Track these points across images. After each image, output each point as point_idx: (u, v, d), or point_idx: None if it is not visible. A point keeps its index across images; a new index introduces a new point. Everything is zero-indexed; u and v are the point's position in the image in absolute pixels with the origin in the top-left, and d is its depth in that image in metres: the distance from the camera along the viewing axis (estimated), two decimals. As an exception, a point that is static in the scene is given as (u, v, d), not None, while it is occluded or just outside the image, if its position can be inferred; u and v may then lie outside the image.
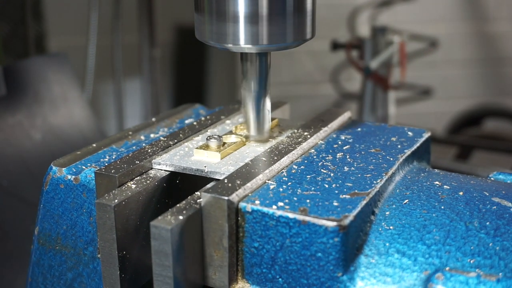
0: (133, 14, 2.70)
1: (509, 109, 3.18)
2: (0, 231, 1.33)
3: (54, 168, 0.79)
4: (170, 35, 3.15)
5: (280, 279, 0.68)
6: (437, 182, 0.77)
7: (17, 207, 1.38)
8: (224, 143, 0.82)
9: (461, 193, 0.74)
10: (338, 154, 0.81)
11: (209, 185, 0.73)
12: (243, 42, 0.77)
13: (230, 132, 0.87)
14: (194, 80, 3.25)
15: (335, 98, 3.06)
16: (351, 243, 0.66)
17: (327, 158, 0.80)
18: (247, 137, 0.85)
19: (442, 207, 0.71)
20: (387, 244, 0.68)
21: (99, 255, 0.78)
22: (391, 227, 0.69)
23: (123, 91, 2.72)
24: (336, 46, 2.28)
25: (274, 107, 0.97)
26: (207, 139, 0.80)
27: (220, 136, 0.81)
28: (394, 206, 0.72)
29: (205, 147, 0.80)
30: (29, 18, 2.40)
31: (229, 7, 0.76)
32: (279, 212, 0.67)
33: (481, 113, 3.16)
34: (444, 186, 0.76)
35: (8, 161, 1.43)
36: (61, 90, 1.61)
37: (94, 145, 0.85)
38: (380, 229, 0.69)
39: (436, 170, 0.82)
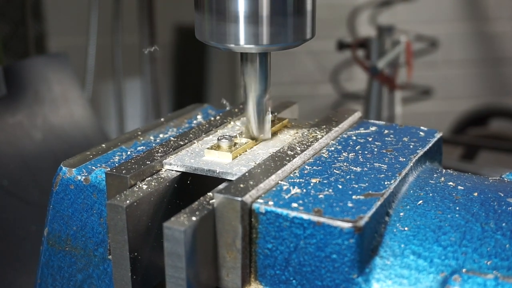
0: (133, 14, 2.69)
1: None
2: (0, 231, 1.32)
3: (64, 168, 0.78)
4: (170, 35, 3.14)
5: (294, 281, 0.68)
6: (451, 183, 0.76)
7: (17, 207, 1.38)
8: (235, 143, 0.81)
9: (475, 194, 0.73)
10: (350, 155, 0.80)
11: (221, 186, 0.72)
12: (243, 42, 0.77)
13: (241, 133, 0.86)
14: (194, 80, 3.24)
15: (335, 98, 3.05)
16: (366, 245, 0.66)
17: (339, 158, 0.79)
18: (253, 138, 0.84)
19: (457, 208, 0.71)
20: (402, 245, 0.67)
21: (109, 257, 0.77)
22: (406, 228, 0.69)
23: (123, 91, 2.71)
24: (342, 46, 2.27)
25: (283, 107, 0.97)
26: (218, 139, 0.80)
27: (231, 136, 0.80)
28: (408, 207, 0.72)
29: (216, 147, 0.79)
30: (29, 18, 2.39)
31: (230, 7, 0.75)
32: (293, 213, 0.66)
33: (486, 113, 3.14)
34: (458, 187, 0.75)
35: (8, 161, 1.42)
36: (62, 90, 1.60)
37: (104, 145, 0.84)
38: (394, 230, 0.69)
39: (449, 171, 0.81)
